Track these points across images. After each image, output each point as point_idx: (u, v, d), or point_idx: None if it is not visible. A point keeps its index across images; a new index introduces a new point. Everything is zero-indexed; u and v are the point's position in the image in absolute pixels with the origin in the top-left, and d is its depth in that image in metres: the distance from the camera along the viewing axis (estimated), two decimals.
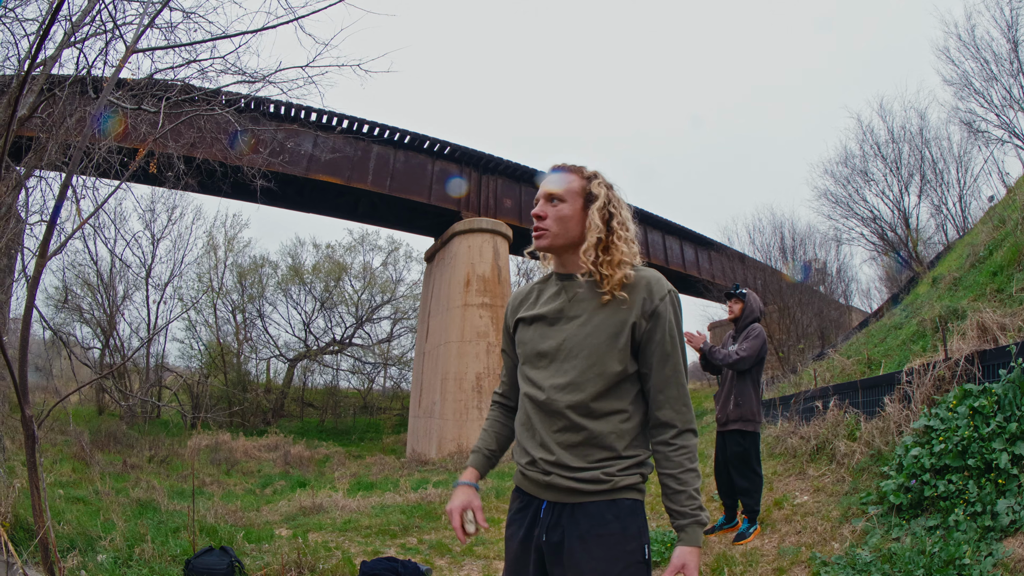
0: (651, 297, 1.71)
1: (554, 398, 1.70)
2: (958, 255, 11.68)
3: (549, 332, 1.78)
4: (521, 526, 1.77)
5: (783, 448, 7.52)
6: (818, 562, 4.01)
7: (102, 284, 22.92)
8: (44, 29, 2.48)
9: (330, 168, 18.36)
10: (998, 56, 16.77)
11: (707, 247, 28.63)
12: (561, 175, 1.82)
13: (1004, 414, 4.04)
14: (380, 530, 6.97)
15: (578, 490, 1.67)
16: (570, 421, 1.68)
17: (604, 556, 1.62)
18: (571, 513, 1.67)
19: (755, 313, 5.34)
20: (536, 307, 1.85)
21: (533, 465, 1.73)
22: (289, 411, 29.15)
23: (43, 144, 5.29)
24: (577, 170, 1.83)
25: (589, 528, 1.64)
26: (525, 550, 1.74)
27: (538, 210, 1.79)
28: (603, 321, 1.70)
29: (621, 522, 1.65)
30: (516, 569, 1.77)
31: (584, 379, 1.68)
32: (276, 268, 31.09)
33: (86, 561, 4.36)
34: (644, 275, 1.75)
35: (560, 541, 1.66)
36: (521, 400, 1.84)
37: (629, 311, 1.70)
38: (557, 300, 1.81)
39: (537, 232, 1.79)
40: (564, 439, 1.69)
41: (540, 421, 1.74)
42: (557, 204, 1.78)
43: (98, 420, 19.15)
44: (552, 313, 1.79)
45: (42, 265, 3.66)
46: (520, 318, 1.88)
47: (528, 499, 1.78)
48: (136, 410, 20.35)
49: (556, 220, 1.77)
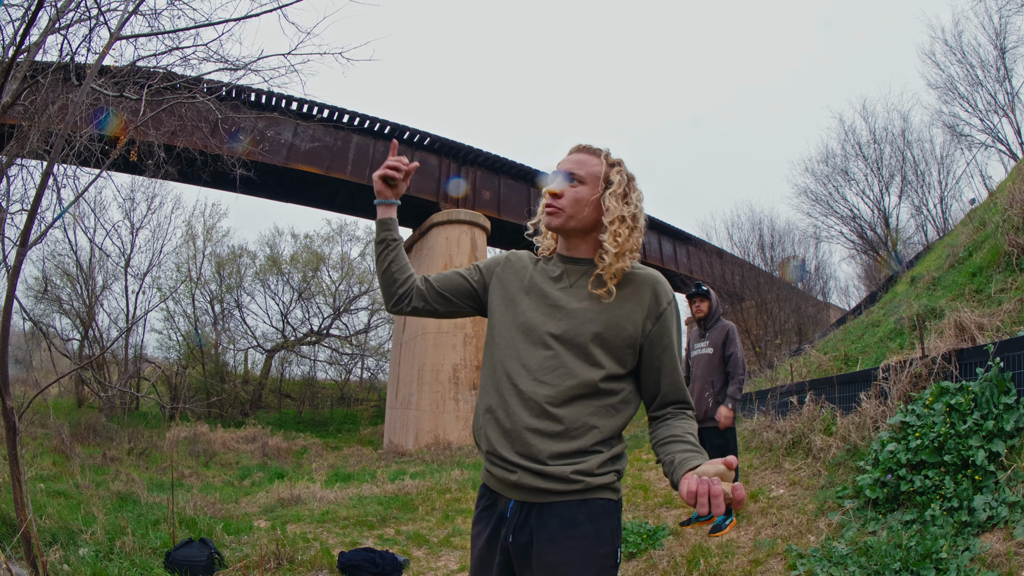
0: (658, 300, 1.68)
1: (540, 383, 1.61)
2: (937, 255, 11.84)
3: (549, 314, 1.69)
4: (487, 525, 1.70)
5: (759, 442, 7.64)
6: (794, 554, 4.06)
7: (82, 274, 22.56)
8: (32, 14, 2.45)
9: (310, 157, 18.24)
10: (984, 62, 17.09)
11: (685, 242, 28.80)
12: (584, 156, 1.76)
13: (981, 411, 4.11)
14: (358, 521, 6.97)
15: (547, 490, 1.57)
16: (549, 412, 1.59)
17: (575, 560, 1.55)
18: (539, 514, 1.59)
19: (720, 309, 5.47)
20: (535, 282, 1.77)
21: (499, 459, 1.63)
22: (267, 402, 28.97)
23: (25, 132, 5.21)
24: (602, 154, 1.78)
25: (558, 530, 1.56)
26: (491, 550, 1.68)
27: (555, 187, 1.73)
28: (608, 315, 1.65)
29: (594, 524, 1.57)
30: (481, 569, 1.70)
31: (578, 369, 1.61)
32: (254, 258, 30.88)
33: (68, 555, 4.31)
34: (648, 274, 1.72)
35: (528, 543, 1.59)
36: (491, 376, 1.73)
37: (636, 309, 1.67)
38: (560, 283, 1.74)
39: (551, 210, 1.73)
40: (541, 427, 1.58)
41: (512, 409, 1.62)
42: (576, 185, 1.72)
43: (78, 412, 18.91)
44: (553, 295, 1.71)
45: (23, 254, 3.62)
46: (510, 284, 1.81)
47: (495, 497, 1.70)
48: (115, 402, 20.08)
49: (573, 201, 1.71)
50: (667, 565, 4.37)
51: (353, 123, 19.11)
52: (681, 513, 5.93)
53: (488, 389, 1.72)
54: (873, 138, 21.77)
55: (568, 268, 1.76)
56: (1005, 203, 7.85)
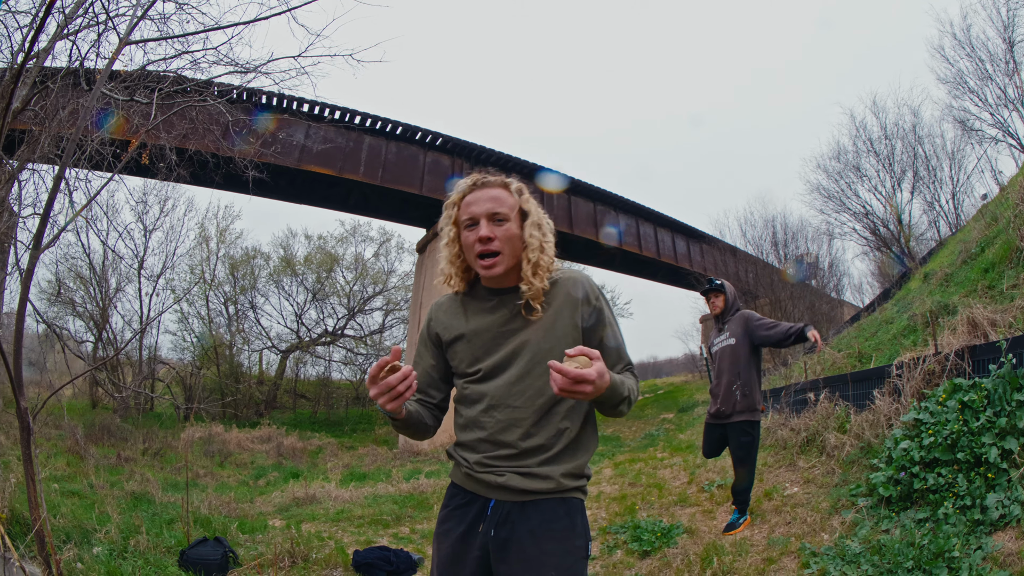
0: (588, 296, 1.79)
1: (513, 407, 1.72)
2: (950, 251, 11.75)
3: (501, 343, 1.77)
4: (461, 522, 1.76)
5: (773, 440, 7.59)
6: (807, 553, 4.04)
7: (95, 277, 22.71)
8: (40, 21, 2.48)
9: (322, 159, 18.25)
10: (993, 56, 16.92)
11: (699, 240, 28.62)
12: (497, 192, 1.80)
13: (994, 409, 4.07)
14: (373, 520, 7.01)
15: (531, 490, 1.70)
16: (526, 432, 1.71)
17: (555, 550, 1.67)
18: (521, 510, 1.70)
19: (737, 301, 5.38)
20: (475, 321, 1.83)
21: (484, 467, 1.74)
22: (282, 403, 29.05)
23: (36, 137, 5.27)
24: (506, 185, 1.84)
25: (540, 523, 1.68)
26: (466, 546, 1.74)
27: (485, 231, 1.73)
28: (553, 326, 1.75)
29: (571, 519, 1.72)
30: (451, 566, 1.75)
31: (545, 385, 1.69)
32: (268, 259, 30.91)
33: (82, 553, 4.36)
34: (567, 277, 1.81)
35: (509, 537, 1.68)
36: (467, 407, 1.83)
37: (569, 311, 1.76)
38: (497, 313, 1.81)
39: (490, 261, 1.75)
40: (524, 444, 1.71)
41: (496, 425, 1.74)
42: (503, 224, 1.76)
43: (92, 414, 19.02)
44: (497, 326, 1.79)
45: (36, 257, 3.66)
46: (460, 334, 1.84)
47: (471, 496, 1.78)
48: (129, 402, 20.23)
49: (506, 241, 1.75)
50: (681, 563, 4.37)
51: (365, 124, 19.12)
52: (696, 511, 5.96)
53: (465, 425, 1.84)
54: (884, 133, 21.56)
55: (500, 299, 1.82)
56: (1016, 198, 7.78)
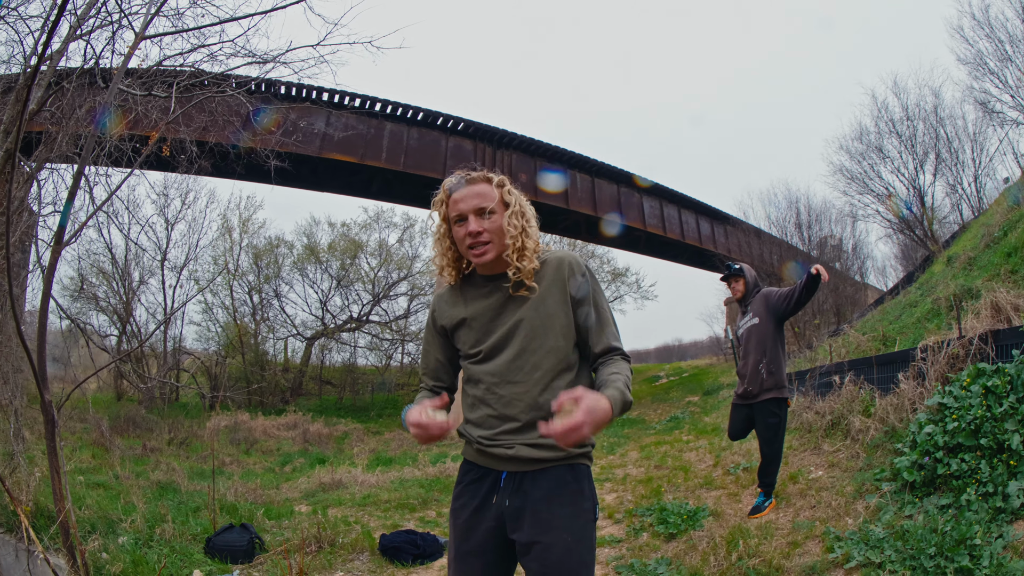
0: (573, 273, 1.90)
1: (515, 383, 1.86)
2: (973, 235, 11.59)
3: (498, 324, 1.92)
4: (475, 495, 1.90)
5: (799, 423, 7.54)
6: (832, 537, 4.02)
7: (117, 271, 23.01)
8: (52, 23, 2.49)
9: (343, 146, 18.27)
10: (1013, 37, 16.52)
11: (723, 221, 28.27)
12: (480, 187, 1.92)
13: (1017, 395, 3.99)
14: (399, 504, 7.07)
15: (541, 459, 1.83)
16: (531, 404, 1.83)
17: (565, 513, 1.79)
18: (533, 478, 1.84)
19: (758, 282, 5.34)
20: (473, 307, 1.98)
21: (494, 441, 1.88)
22: (307, 389, 29.27)
23: (53, 136, 5.32)
24: (489, 180, 1.95)
25: (552, 488, 1.82)
26: (480, 517, 1.87)
27: (475, 227, 1.87)
28: (543, 306, 1.88)
29: (579, 483, 1.85)
30: (468, 538, 1.88)
31: (542, 359, 1.85)
32: (292, 248, 31.03)
33: (107, 543, 4.43)
34: (555, 257, 1.94)
35: (522, 505, 1.82)
36: (473, 386, 1.97)
37: (558, 289, 1.89)
38: (492, 297, 1.95)
39: (481, 249, 1.88)
40: (529, 416, 1.82)
41: (500, 401, 1.87)
42: (490, 217, 1.89)
43: (117, 406, 19.30)
44: (493, 308, 1.94)
45: (58, 252, 3.71)
46: (462, 319, 1.99)
47: (484, 471, 1.92)
48: (155, 393, 20.50)
49: (494, 232, 1.88)
50: (707, 546, 4.37)
51: (385, 111, 19.07)
52: (721, 494, 6.00)
53: (472, 403, 1.97)
54: (906, 115, 21.05)
55: (494, 284, 1.96)
56: None
